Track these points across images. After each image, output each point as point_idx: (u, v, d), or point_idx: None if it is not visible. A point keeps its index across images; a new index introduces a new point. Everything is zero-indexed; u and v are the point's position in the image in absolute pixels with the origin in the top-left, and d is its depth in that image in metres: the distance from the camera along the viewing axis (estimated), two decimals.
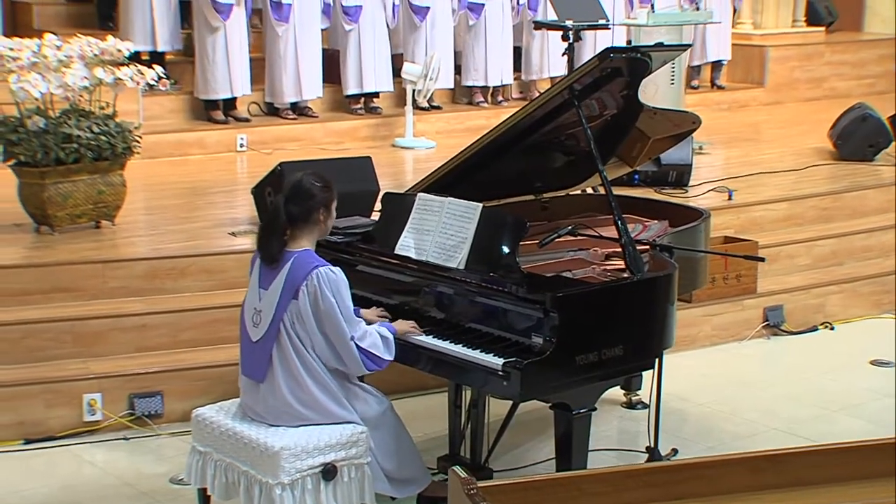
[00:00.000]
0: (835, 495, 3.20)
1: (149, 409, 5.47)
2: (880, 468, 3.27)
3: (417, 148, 9.28)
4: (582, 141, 4.68)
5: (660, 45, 5.30)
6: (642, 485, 3.13)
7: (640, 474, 3.14)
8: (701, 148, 9.12)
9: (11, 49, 6.07)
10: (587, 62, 4.48)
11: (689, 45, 4.85)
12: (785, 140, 10.01)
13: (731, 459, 3.23)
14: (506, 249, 4.32)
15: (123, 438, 5.36)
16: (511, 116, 4.70)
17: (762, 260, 5.17)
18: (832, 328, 7.09)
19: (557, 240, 4.73)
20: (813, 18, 13.23)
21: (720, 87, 11.88)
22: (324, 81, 9.54)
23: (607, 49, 4.43)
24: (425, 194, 4.63)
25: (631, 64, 4.62)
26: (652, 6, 9.05)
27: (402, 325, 4.33)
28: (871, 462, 3.28)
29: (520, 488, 3.05)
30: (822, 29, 13.15)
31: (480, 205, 4.41)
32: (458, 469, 3.03)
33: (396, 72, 9.77)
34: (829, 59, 12.69)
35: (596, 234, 4.90)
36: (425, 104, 9.89)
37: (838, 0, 13.95)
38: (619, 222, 4.47)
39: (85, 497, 4.83)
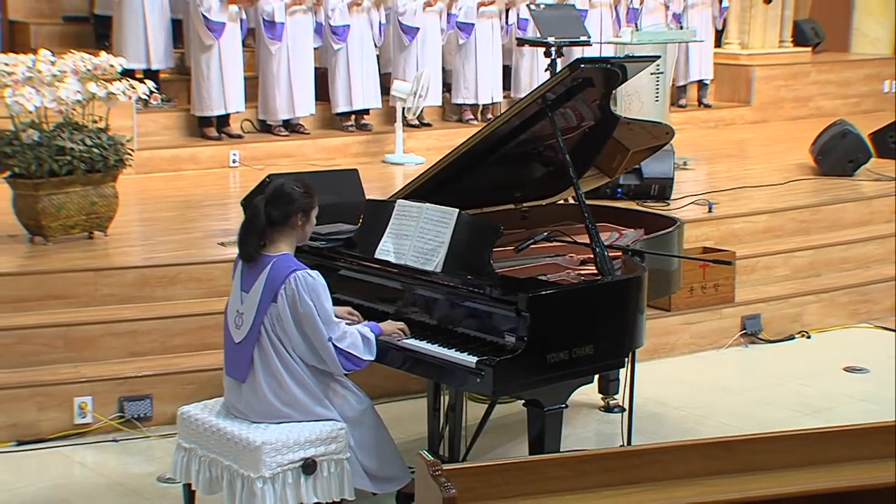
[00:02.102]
0: (783, 480, 3.35)
1: (138, 412, 5.62)
2: (825, 455, 3.43)
3: (407, 164, 9.46)
4: (559, 152, 4.84)
5: (629, 56, 5.48)
6: (600, 469, 3.28)
7: (597, 459, 3.29)
8: (685, 163, 9.31)
9: (6, 64, 6.25)
10: (559, 72, 4.66)
11: (658, 57, 5.01)
12: (769, 156, 10.19)
13: (684, 445, 3.39)
14: (481, 253, 4.47)
15: (113, 440, 5.50)
16: (488, 125, 4.87)
17: (729, 263, 5.34)
18: (809, 337, 7.25)
19: (535, 246, 4.89)
20: (800, 39, 13.44)
21: (707, 106, 12.08)
22: (316, 99, 9.73)
23: (578, 59, 4.61)
24: (404, 201, 4.79)
25: (601, 74, 4.79)
26: (636, 25, 9.23)
27: (390, 326, 4.45)
28: (817, 449, 3.44)
29: (483, 471, 3.20)
30: (809, 49, 13.35)
31: (457, 210, 4.57)
32: (424, 453, 3.18)
33: (387, 90, 9.97)
34: (815, 79, 12.89)
35: (571, 240, 5.07)
36: (415, 121, 10.09)
37: (826, 22, 14.18)
38: (591, 228, 4.64)
39: (75, 495, 4.97)
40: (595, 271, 4.68)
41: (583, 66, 4.60)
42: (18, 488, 5.01)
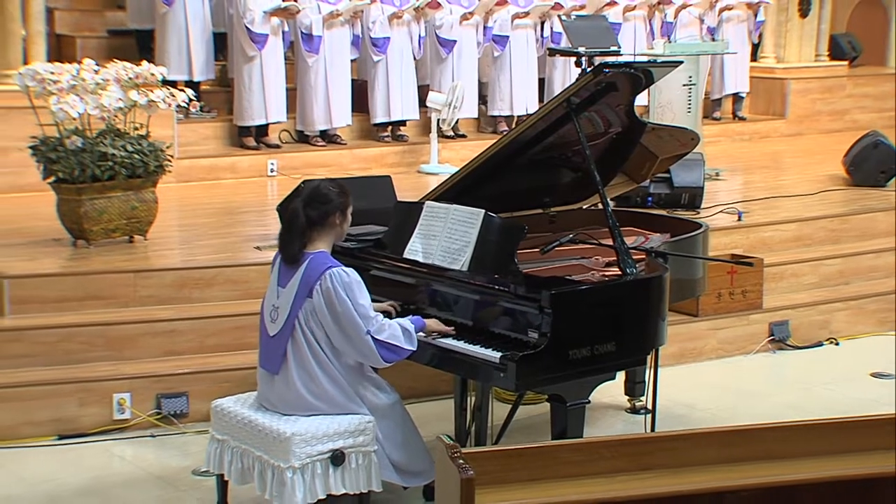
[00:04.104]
0: (799, 467, 3.43)
1: (175, 408, 5.78)
2: (842, 444, 3.51)
3: (441, 174, 9.57)
4: (586, 157, 4.94)
5: (652, 61, 5.59)
6: (615, 455, 3.38)
7: (612, 445, 3.39)
8: (717, 174, 9.38)
9: (52, 73, 6.44)
10: (584, 76, 4.77)
11: (681, 62, 5.11)
12: (802, 168, 10.24)
13: (700, 433, 3.47)
14: (506, 252, 4.59)
15: (150, 436, 5.67)
16: (515, 128, 5.00)
17: (750, 265, 5.41)
18: (837, 343, 7.30)
19: (561, 248, 5.00)
20: (836, 53, 13.46)
21: (742, 119, 12.14)
22: (353, 110, 9.90)
23: (601, 64, 4.73)
24: (432, 202, 4.93)
25: (625, 79, 4.90)
26: (669, 37, 9.32)
27: (435, 325, 4.55)
28: (834, 438, 3.51)
29: (501, 455, 3.32)
30: (846, 63, 13.37)
31: (483, 211, 4.70)
32: (443, 437, 3.29)
33: (423, 101, 10.12)
34: (851, 92, 12.92)
35: (596, 242, 5.18)
36: (450, 132, 10.23)
37: (864, 36, 14.17)
38: (614, 230, 4.75)
39: (114, 486, 5.14)
40: (620, 273, 4.78)
41: (606, 70, 4.71)
42: (61, 479, 5.18)
